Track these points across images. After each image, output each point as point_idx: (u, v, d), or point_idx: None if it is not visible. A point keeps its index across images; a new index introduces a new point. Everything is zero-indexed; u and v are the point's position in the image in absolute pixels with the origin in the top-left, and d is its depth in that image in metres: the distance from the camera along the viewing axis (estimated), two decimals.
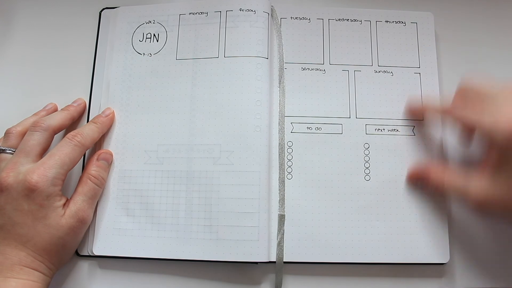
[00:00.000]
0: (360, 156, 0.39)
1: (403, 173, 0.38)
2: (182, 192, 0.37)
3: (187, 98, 0.39)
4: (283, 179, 0.38)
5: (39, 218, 0.32)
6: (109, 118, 0.39)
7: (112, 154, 0.38)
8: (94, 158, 0.37)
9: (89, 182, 0.36)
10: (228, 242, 0.36)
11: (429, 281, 0.37)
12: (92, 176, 0.36)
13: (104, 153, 0.38)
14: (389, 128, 0.39)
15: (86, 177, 0.36)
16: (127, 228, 0.37)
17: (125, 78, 0.41)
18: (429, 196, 0.37)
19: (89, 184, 0.36)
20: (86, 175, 0.36)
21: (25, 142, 0.35)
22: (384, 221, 0.37)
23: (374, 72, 0.41)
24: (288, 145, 0.39)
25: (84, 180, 0.36)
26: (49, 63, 0.43)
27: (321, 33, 0.42)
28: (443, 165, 0.37)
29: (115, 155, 0.38)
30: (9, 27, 0.44)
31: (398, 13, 0.42)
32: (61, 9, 0.45)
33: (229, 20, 0.41)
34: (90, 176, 0.36)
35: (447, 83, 0.42)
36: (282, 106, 0.40)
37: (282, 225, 0.37)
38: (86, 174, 0.36)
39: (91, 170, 0.36)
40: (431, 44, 0.41)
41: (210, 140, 0.38)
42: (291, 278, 0.37)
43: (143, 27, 0.42)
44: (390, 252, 0.36)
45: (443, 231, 0.37)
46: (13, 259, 0.31)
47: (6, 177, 0.33)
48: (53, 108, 0.40)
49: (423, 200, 0.38)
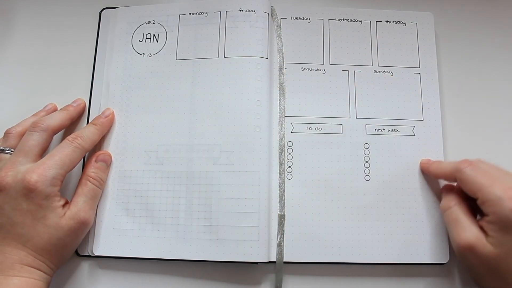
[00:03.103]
0: (360, 156, 0.39)
1: (403, 173, 0.38)
2: (182, 192, 0.37)
3: (187, 98, 0.39)
4: (283, 179, 0.38)
5: (38, 218, 0.32)
6: (108, 119, 0.39)
7: (110, 155, 0.38)
8: (93, 159, 0.37)
9: (88, 184, 0.36)
10: (228, 242, 0.36)
11: (429, 281, 0.37)
12: (91, 177, 0.36)
13: (103, 155, 0.38)
14: (389, 128, 0.39)
15: (85, 179, 0.36)
16: (127, 229, 0.37)
17: (125, 78, 0.40)
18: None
19: (89, 185, 0.36)
20: (85, 176, 0.36)
21: (24, 142, 0.35)
22: (384, 221, 0.37)
23: (374, 72, 0.41)
24: (288, 145, 0.39)
25: (84, 181, 0.36)
26: (49, 63, 0.43)
27: (321, 33, 0.42)
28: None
29: (115, 156, 0.38)
30: (9, 27, 0.44)
31: (398, 13, 0.42)
32: (61, 9, 0.45)
33: (229, 20, 0.41)
34: (89, 177, 0.36)
35: (447, 83, 0.42)
36: (282, 106, 0.40)
37: (282, 225, 0.37)
38: (85, 176, 0.36)
39: (89, 172, 0.36)
40: (431, 44, 0.41)
41: (210, 140, 0.38)
42: (291, 278, 0.37)
43: (143, 27, 0.42)
44: (390, 252, 0.36)
45: (443, 231, 0.37)
46: (13, 258, 0.31)
47: (5, 177, 0.33)
48: (52, 108, 0.40)
49: (423, 200, 0.38)
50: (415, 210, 0.37)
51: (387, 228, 0.37)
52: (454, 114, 0.41)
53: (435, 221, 0.37)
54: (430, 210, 0.37)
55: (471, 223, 0.32)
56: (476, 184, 0.31)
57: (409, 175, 0.38)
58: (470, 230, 0.31)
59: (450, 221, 0.33)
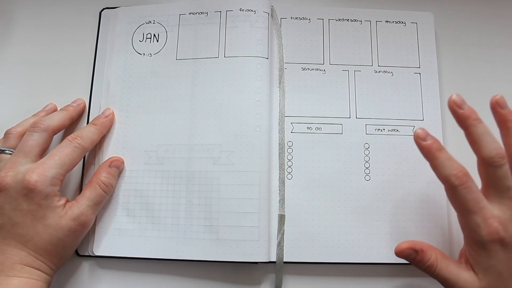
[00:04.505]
0: (360, 156, 0.39)
1: (403, 173, 0.38)
2: (182, 192, 0.37)
3: (187, 98, 0.39)
4: (283, 179, 0.38)
5: (38, 218, 0.32)
6: (108, 119, 0.39)
7: (123, 162, 0.38)
8: (106, 164, 0.37)
9: (97, 188, 0.35)
10: (228, 242, 0.36)
11: (429, 281, 0.37)
12: (102, 182, 0.36)
13: (116, 161, 0.38)
14: (389, 128, 0.39)
15: (96, 183, 0.36)
16: (128, 228, 0.37)
17: (125, 78, 0.41)
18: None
19: (97, 190, 0.35)
20: (95, 180, 0.36)
21: (24, 142, 0.35)
22: (384, 221, 0.37)
23: (374, 72, 0.41)
24: (288, 145, 0.39)
25: (94, 185, 0.35)
26: (49, 63, 0.43)
27: (321, 33, 0.42)
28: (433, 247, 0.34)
29: (115, 156, 0.38)
30: (9, 27, 0.44)
31: (398, 13, 0.42)
32: (61, 9, 0.45)
33: (229, 20, 0.41)
34: (100, 182, 0.36)
35: (447, 83, 0.42)
36: (282, 106, 0.40)
37: (282, 225, 0.37)
38: (96, 180, 0.36)
39: (101, 177, 0.36)
40: (431, 44, 0.41)
41: (210, 140, 0.38)
42: (291, 278, 0.37)
43: (143, 27, 0.42)
44: (390, 252, 0.36)
45: (443, 231, 0.37)
46: (13, 258, 0.31)
47: (5, 177, 0.33)
48: (52, 108, 0.40)
49: (423, 200, 0.38)
50: (415, 210, 0.37)
51: (387, 228, 0.37)
52: None
53: (435, 221, 0.37)
54: (430, 210, 0.37)
55: (459, 269, 0.32)
56: (462, 206, 0.31)
57: (409, 175, 0.38)
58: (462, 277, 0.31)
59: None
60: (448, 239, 0.37)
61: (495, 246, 0.30)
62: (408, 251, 0.32)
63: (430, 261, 0.32)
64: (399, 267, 0.37)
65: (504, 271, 0.30)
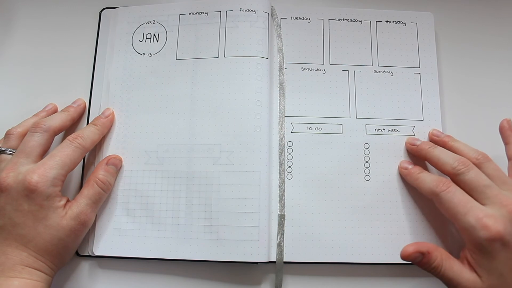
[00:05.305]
0: (360, 156, 0.39)
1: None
2: (182, 192, 0.37)
3: (187, 98, 0.39)
4: (283, 179, 0.38)
5: (39, 218, 0.32)
6: (109, 119, 0.39)
7: (121, 160, 0.38)
8: (104, 162, 0.37)
9: (95, 186, 0.35)
10: (228, 242, 0.36)
11: (429, 281, 0.37)
12: (100, 180, 0.36)
13: (114, 158, 0.38)
14: (389, 128, 0.39)
15: (93, 181, 0.36)
16: (128, 228, 0.37)
17: (125, 78, 0.41)
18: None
19: (95, 188, 0.35)
20: (93, 178, 0.36)
21: (25, 143, 0.35)
22: (384, 221, 0.37)
23: (374, 72, 0.41)
24: (288, 145, 0.39)
25: (91, 183, 0.36)
26: (49, 63, 0.43)
27: (321, 33, 0.42)
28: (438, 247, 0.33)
29: (113, 154, 0.38)
30: (9, 27, 0.44)
31: (398, 13, 0.42)
32: (61, 9, 0.45)
33: (229, 20, 0.41)
34: (97, 180, 0.36)
35: (447, 83, 0.42)
36: (282, 106, 0.40)
37: (282, 225, 0.37)
38: (93, 178, 0.36)
39: (99, 175, 0.36)
40: (431, 44, 0.41)
41: (210, 140, 0.38)
42: (291, 278, 0.37)
43: (143, 27, 0.42)
44: (390, 252, 0.37)
45: (443, 231, 0.37)
46: (14, 259, 0.31)
47: (6, 177, 0.33)
48: (53, 108, 0.40)
49: (423, 200, 0.38)
50: (415, 210, 0.37)
51: (387, 228, 0.37)
52: (454, 114, 0.41)
53: (435, 221, 0.37)
54: (430, 210, 0.37)
55: (462, 269, 0.31)
56: (452, 211, 0.32)
57: None
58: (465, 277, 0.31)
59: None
60: (448, 239, 0.37)
61: (496, 246, 0.30)
62: (415, 254, 0.31)
63: (436, 262, 0.32)
64: (399, 267, 0.37)
65: (506, 272, 0.30)
